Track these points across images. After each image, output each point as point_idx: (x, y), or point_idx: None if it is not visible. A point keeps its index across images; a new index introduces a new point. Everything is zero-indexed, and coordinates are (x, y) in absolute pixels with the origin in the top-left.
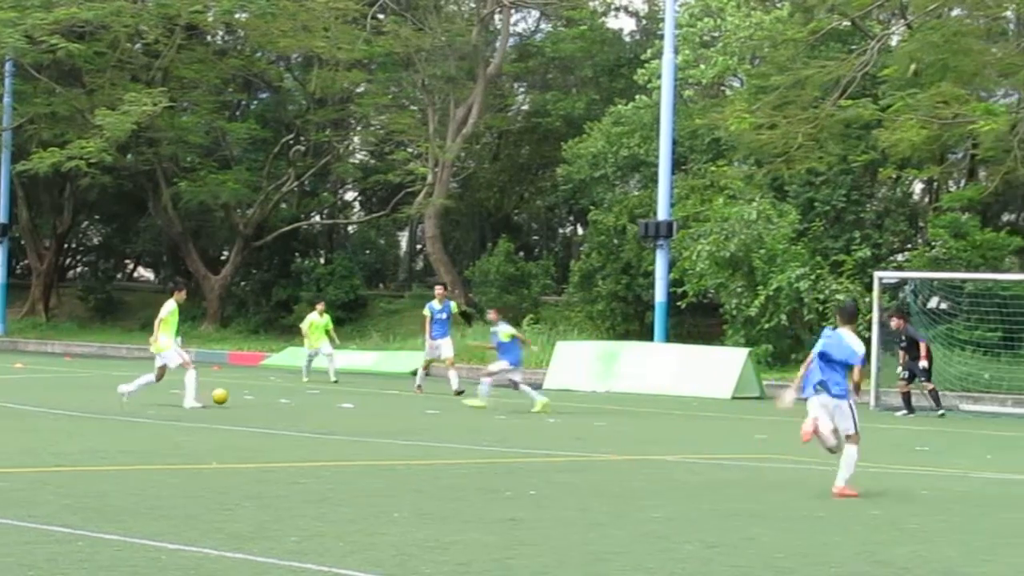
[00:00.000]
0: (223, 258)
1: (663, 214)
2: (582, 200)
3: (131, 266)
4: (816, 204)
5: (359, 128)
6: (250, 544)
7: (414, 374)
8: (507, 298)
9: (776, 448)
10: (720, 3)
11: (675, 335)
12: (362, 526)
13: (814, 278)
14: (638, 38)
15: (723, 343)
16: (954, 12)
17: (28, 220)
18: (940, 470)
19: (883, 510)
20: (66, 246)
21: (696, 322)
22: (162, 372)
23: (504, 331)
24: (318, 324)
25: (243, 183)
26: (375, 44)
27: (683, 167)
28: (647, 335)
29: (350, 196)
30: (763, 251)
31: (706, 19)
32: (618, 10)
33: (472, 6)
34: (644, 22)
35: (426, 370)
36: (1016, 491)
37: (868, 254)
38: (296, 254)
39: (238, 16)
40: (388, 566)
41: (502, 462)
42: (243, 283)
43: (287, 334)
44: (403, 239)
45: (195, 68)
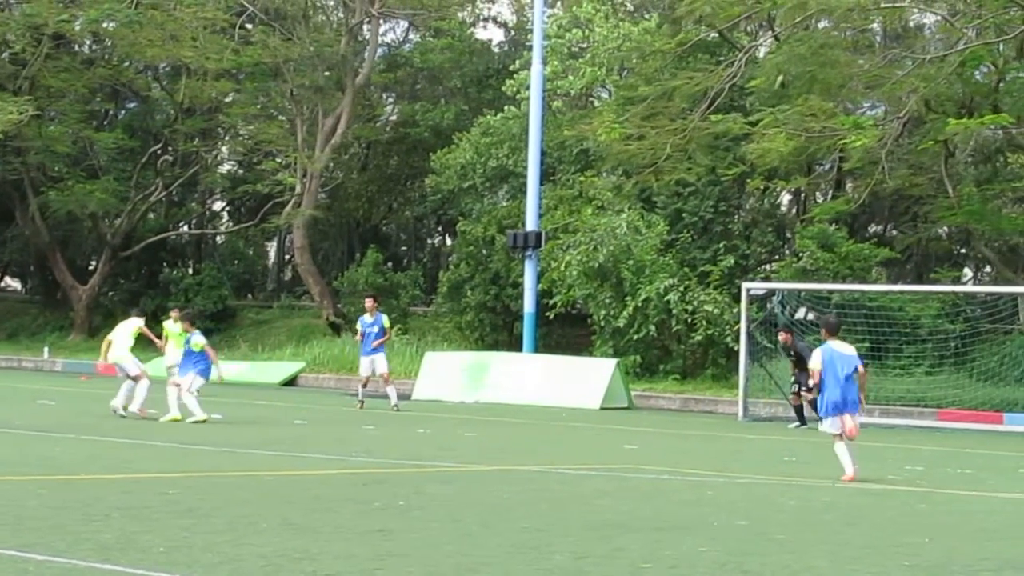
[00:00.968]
0: (91, 268)
1: (531, 225)
2: (451, 211)
3: None
4: (684, 215)
5: (227, 138)
6: (118, 555)
7: (283, 384)
8: None
9: (645, 458)
10: (588, 14)
11: (544, 345)
12: (230, 537)
13: (682, 289)
14: (507, 49)
15: (592, 353)
16: (821, 24)
17: None
18: (808, 480)
19: (751, 520)
20: None
21: (565, 332)
22: (139, 376)
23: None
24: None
25: (111, 193)
26: (243, 54)
27: (552, 178)
28: (516, 346)
29: (218, 206)
30: (631, 262)
31: (574, 30)
32: (487, 21)
33: (340, 16)
34: (512, 33)
35: (364, 386)
36: (884, 501)
37: (732, 262)
38: (164, 264)
39: (105, 25)
40: None
41: (371, 472)
42: (111, 293)
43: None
44: (271, 249)
45: (62, 77)
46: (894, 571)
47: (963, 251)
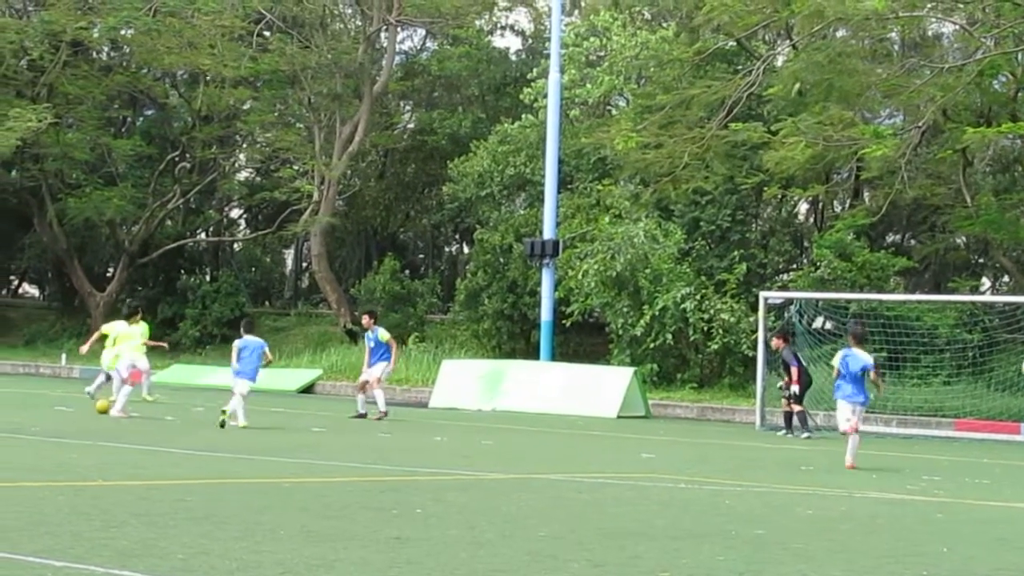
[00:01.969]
0: (108, 275)
1: (549, 233)
2: (468, 219)
3: (16, 282)
4: (702, 224)
5: (245, 145)
6: (136, 561)
7: (300, 391)
8: (393, 316)
9: (662, 467)
10: (606, 23)
11: (561, 354)
12: (248, 543)
13: (699, 297)
14: (524, 57)
15: (609, 362)
16: (839, 33)
17: None
18: (825, 490)
19: (768, 529)
20: None
21: (582, 341)
22: (134, 376)
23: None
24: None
25: (128, 200)
26: (261, 61)
27: (569, 186)
28: (533, 354)
29: (236, 213)
30: (649, 270)
31: (592, 39)
32: (504, 29)
33: (358, 24)
34: (530, 41)
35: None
36: (901, 510)
37: (745, 269)
38: (182, 271)
39: (124, 33)
40: None
41: (388, 480)
42: (128, 300)
43: (173, 351)
44: (289, 257)
45: (80, 84)
46: None
47: (981, 261)
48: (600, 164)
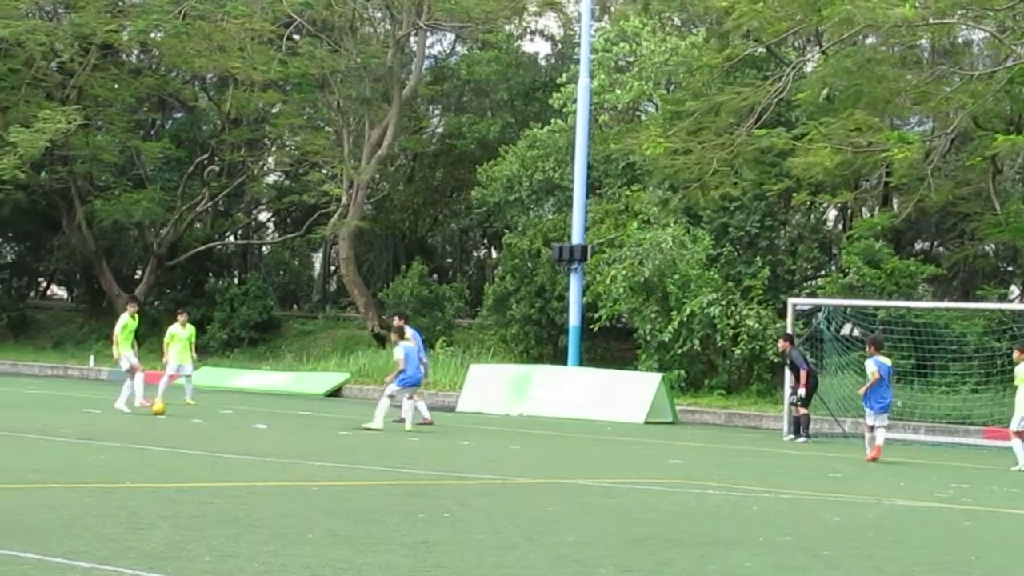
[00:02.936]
0: (137, 277)
1: (577, 238)
2: (496, 223)
3: (44, 284)
4: (730, 230)
5: (274, 148)
6: (164, 564)
7: (328, 395)
8: (420, 320)
9: (690, 473)
10: (636, 28)
11: (588, 359)
12: (275, 547)
13: (725, 303)
14: (553, 62)
15: (636, 368)
16: (869, 40)
17: None
18: (853, 497)
19: (796, 536)
20: None
21: (609, 346)
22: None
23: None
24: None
25: (157, 202)
26: (290, 65)
27: (597, 191)
28: (561, 359)
29: (264, 216)
30: (676, 276)
31: (622, 44)
32: (534, 34)
33: (387, 28)
34: (559, 46)
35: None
36: (929, 518)
37: (767, 274)
38: (210, 274)
39: (153, 35)
40: None
41: (415, 484)
42: (156, 302)
43: (200, 354)
44: (317, 260)
45: (110, 87)
46: None
47: (1010, 268)
48: (629, 169)
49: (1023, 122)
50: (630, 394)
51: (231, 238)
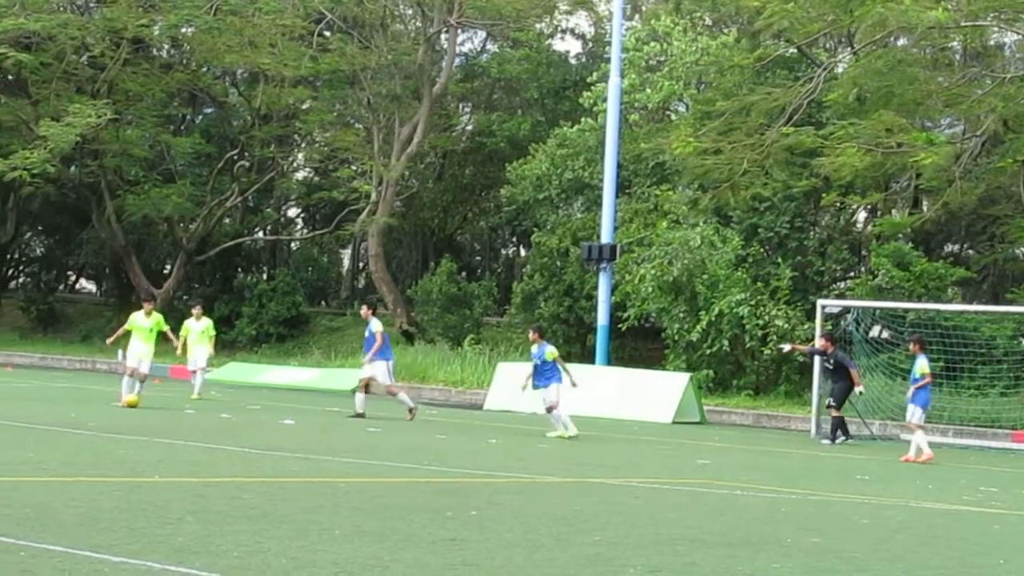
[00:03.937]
0: (166, 272)
1: (606, 237)
2: (525, 221)
3: (73, 278)
4: (760, 230)
5: (303, 145)
6: (192, 558)
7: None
8: (449, 318)
9: (718, 474)
10: (667, 28)
11: (617, 358)
12: (303, 543)
13: (754, 304)
14: (584, 61)
15: (664, 367)
16: (900, 42)
17: None
18: (881, 499)
19: (824, 538)
20: (8, 257)
21: (638, 346)
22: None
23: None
24: (194, 330)
25: (187, 197)
26: (321, 61)
27: (627, 191)
28: (589, 358)
29: (293, 213)
30: (705, 276)
31: (652, 43)
32: (564, 32)
33: (418, 25)
34: (590, 45)
35: (393, 394)
36: (958, 522)
37: (790, 274)
38: (239, 269)
39: (184, 31)
40: None
41: (443, 482)
42: (185, 297)
43: (228, 349)
44: (346, 257)
45: (140, 81)
46: None
47: None
48: (658, 169)
49: None
50: (658, 394)
51: (260, 234)
